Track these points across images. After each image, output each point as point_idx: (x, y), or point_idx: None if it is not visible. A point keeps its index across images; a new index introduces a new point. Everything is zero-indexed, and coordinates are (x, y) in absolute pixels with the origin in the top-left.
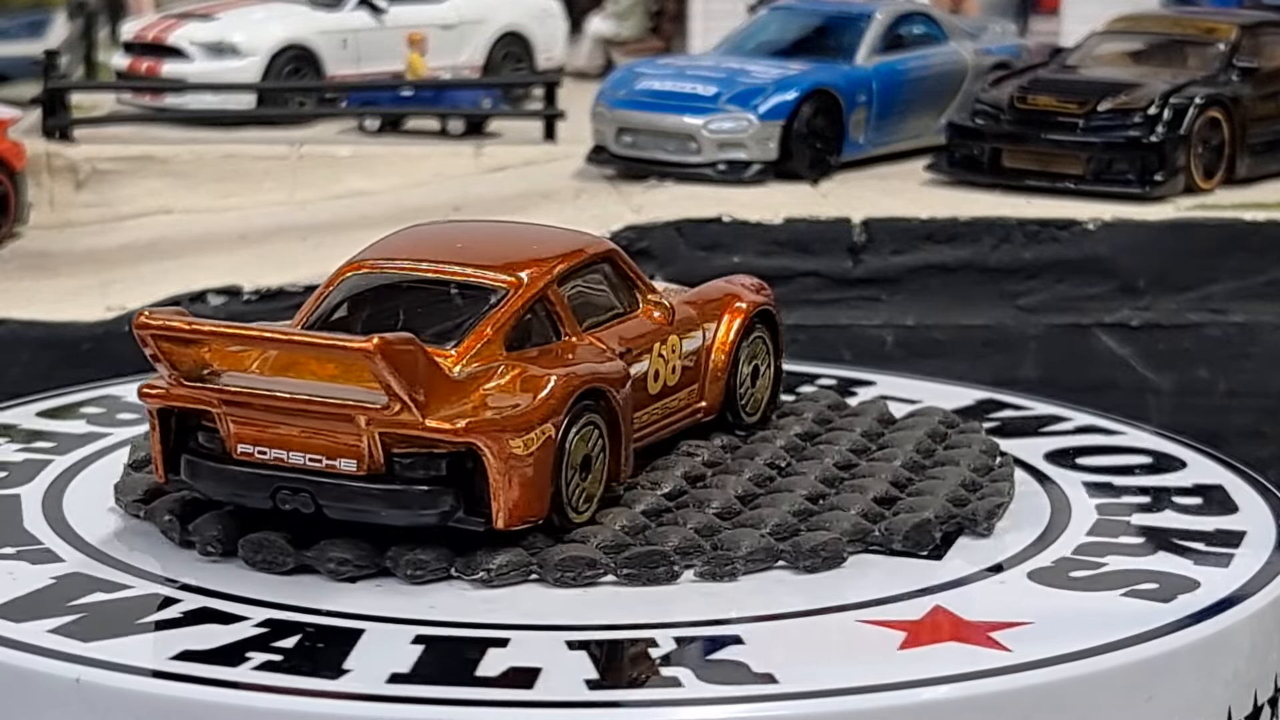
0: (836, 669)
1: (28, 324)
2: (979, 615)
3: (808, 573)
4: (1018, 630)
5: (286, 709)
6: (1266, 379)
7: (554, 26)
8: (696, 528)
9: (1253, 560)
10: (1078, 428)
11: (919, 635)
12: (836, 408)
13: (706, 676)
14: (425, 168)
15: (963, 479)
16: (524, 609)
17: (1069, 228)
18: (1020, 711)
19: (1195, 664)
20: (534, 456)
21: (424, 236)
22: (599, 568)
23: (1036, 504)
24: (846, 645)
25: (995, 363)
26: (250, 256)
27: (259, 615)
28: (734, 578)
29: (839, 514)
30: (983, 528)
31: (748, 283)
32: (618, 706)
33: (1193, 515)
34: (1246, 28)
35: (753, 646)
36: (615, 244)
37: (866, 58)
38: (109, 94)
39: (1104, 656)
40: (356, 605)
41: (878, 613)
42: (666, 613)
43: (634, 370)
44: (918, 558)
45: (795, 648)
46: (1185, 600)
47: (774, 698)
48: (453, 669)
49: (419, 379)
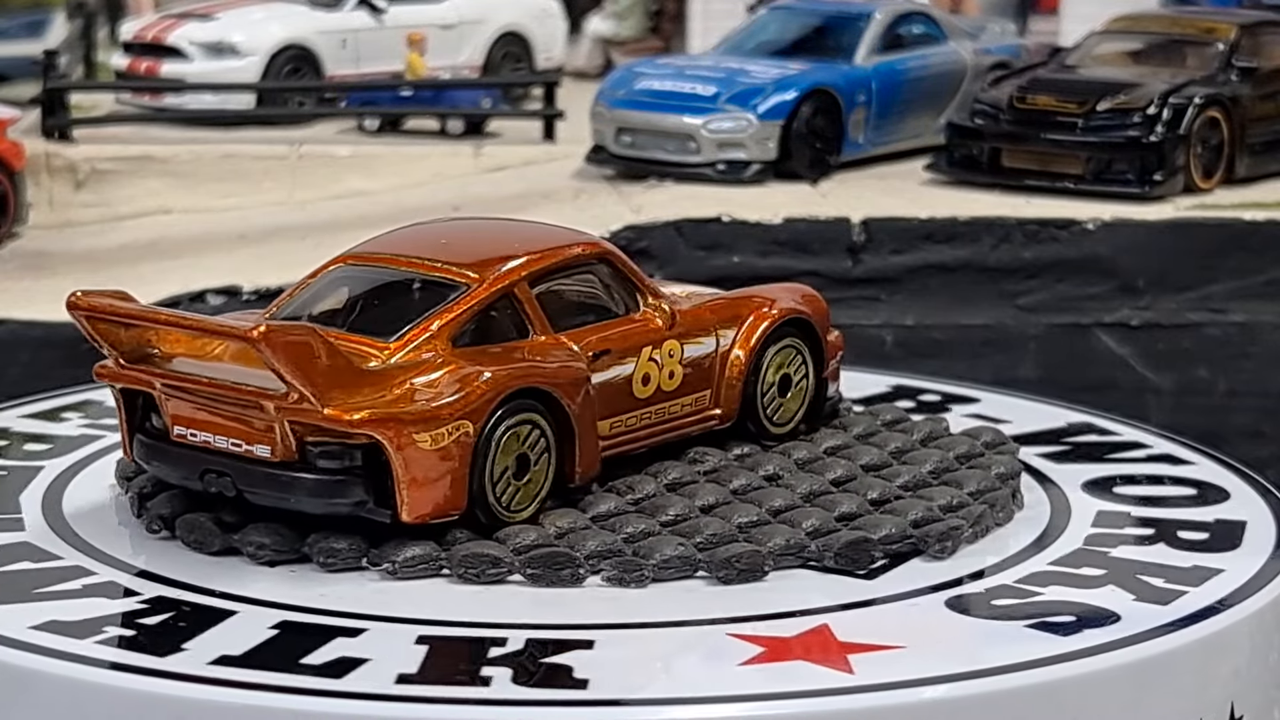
0: (656, 680)
1: (27, 324)
2: (859, 637)
3: (723, 583)
4: (883, 654)
5: (112, 684)
6: (1266, 378)
7: (553, 26)
8: (632, 534)
9: (1253, 560)
10: (1150, 455)
11: (775, 652)
12: (893, 423)
13: (521, 679)
14: (425, 168)
15: (951, 500)
16: (410, 600)
17: (1069, 227)
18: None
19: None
20: (445, 451)
21: (415, 233)
22: (503, 566)
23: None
24: (687, 657)
25: (995, 362)
26: (250, 256)
27: (152, 591)
28: (642, 584)
29: (783, 527)
30: (935, 549)
31: (794, 291)
32: (408, 701)
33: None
34: (1246, 27)
35: (598, 653)
36: (614, 244)
37: (866, 58)
38: (108, 94)
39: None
40: (257, 590)
41: (753, 628)
42: (537, 614)
43: (612, 373)
44: (854, 576)
45: (636, 657)
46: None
47: (568, 704)
48: (282, 655)
49: (316, 368)
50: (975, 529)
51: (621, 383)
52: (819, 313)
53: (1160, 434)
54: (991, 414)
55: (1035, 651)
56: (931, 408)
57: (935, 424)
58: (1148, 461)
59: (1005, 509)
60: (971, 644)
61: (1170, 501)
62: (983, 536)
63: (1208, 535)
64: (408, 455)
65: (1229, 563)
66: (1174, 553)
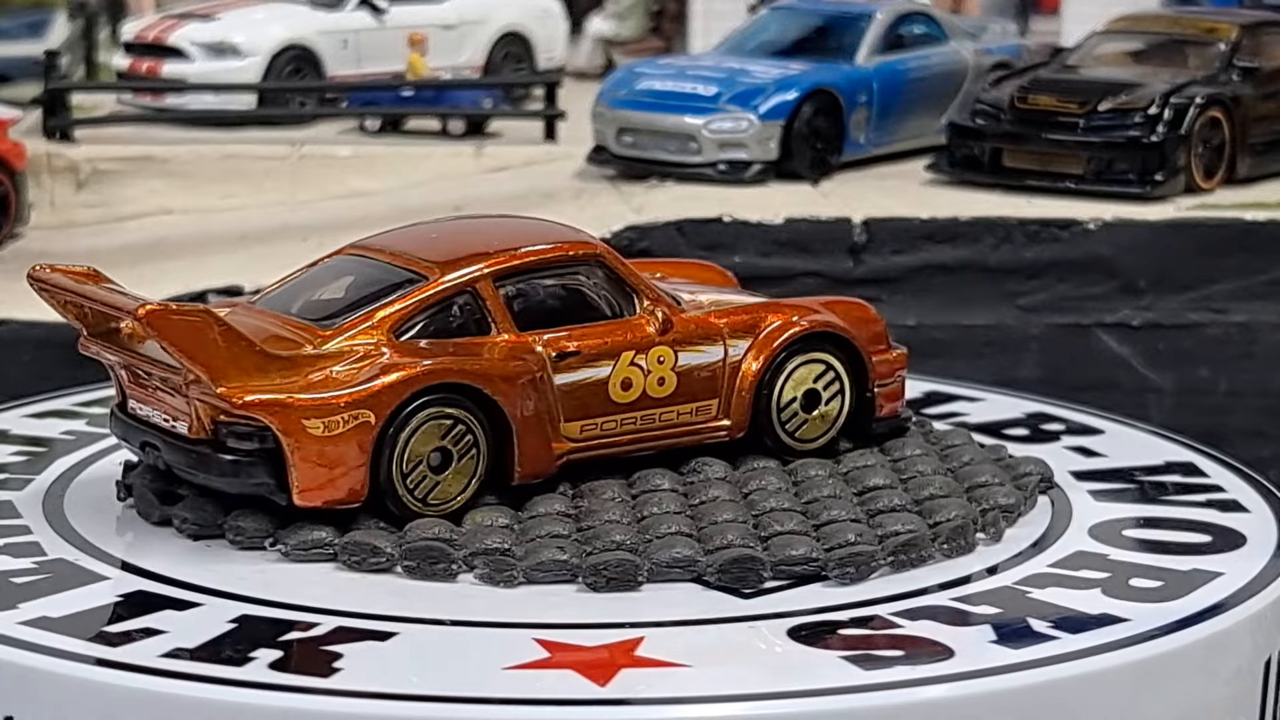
0: (406, 677)
1: (29, 324)
2: (658, 654)
3: (593, 590)
4: (662, 670)
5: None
6: (1267, 379)
7: (554, 26)
8: (538, 536)
9: (1253, 561)
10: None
11: (552, 660)
12: (947, 448)
13: (282, 662)
14: (426, 168)
15: (900, 527)
16: (267, 582)
17: (1069, 228)
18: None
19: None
20: (339, 439)
21: (422, 228)
22: (382, 556)
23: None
24: (463, 657)
25: (996, 362)
26: (250, 256)
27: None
28: (512, 584)
29: (684, 540)
30: (835, 574)
31: (841, 305)
32: (174, 677)
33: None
34: (1246, 28)
35: (390, 645)
36: (614, 245)
37: (867, 58)
38: (109, 94)
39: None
40: (155, 564)
41: (561, 635)
42: (371, 604)
43: (581, 375)
44: (738, 594)
45: (417, 651)
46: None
47: (302, 689)
48: (89, 624)
49: (210, 349)
50: (897, 559)
51: (594, 385)
52: (864, 328)
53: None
54: (1101, 448)
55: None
56: (1045, 436)
57: (987, 452)
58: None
59: (959, 543)
60: (767, 671)
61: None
62: (908, 568)
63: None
64: (297, 441)
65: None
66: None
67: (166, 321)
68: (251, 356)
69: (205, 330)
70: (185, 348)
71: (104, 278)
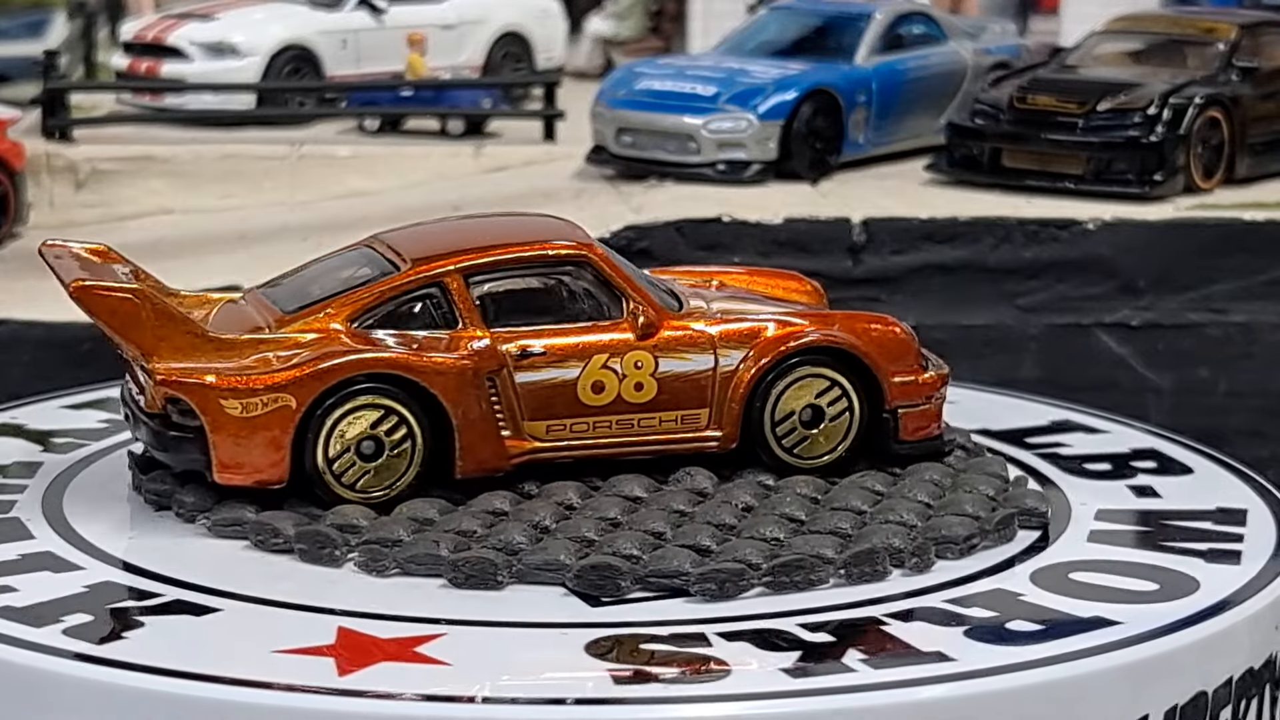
0: (189, 651)
1: (28, 324)
2: (434, 651)
3: (455, 586)
4: (417, 667)
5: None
6: (1267, 379)
7: (554, 26)
8: (444, 532)
9: (1253, 560)
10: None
11: (327, 647)
12: (963, 471)
13: (83, 629)
14: (425, 168)
15: (811, 550)
16: (160, 558)
17: (1069, 228)
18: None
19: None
20: (257, 422)
21: (434, 224)
22: (280, 538)
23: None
24: (251, 637)
25: (996, 363)
26: (250, 256)
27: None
28: (384, 574)
29: (564, 543)
30: (696, 590)
31: (861, 319)
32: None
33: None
34: (1246, 28)
35: (203, 620)
36: (611, 246)
37: (866, 58)
38: (109, 94)
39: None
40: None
41: (365, 624)
42: (224, 581)
43: (546, 375)
44: (593, 602)
45: (219, 628)
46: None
47: (85, 657)
48: None
49: (141, 326)
50: (776, 580)
51: (561, 386)
52: (887, 346)
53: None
54: (1200, 492)
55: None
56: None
57: (997, 483)
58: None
59: (862, 569)
60: (511, 677)
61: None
62: (791, 590)
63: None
64: (215, 420)
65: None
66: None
67: (95, 298)
68: (185, 336)
69: (135, 308)
70: (115, 324)
71: (115, 256)
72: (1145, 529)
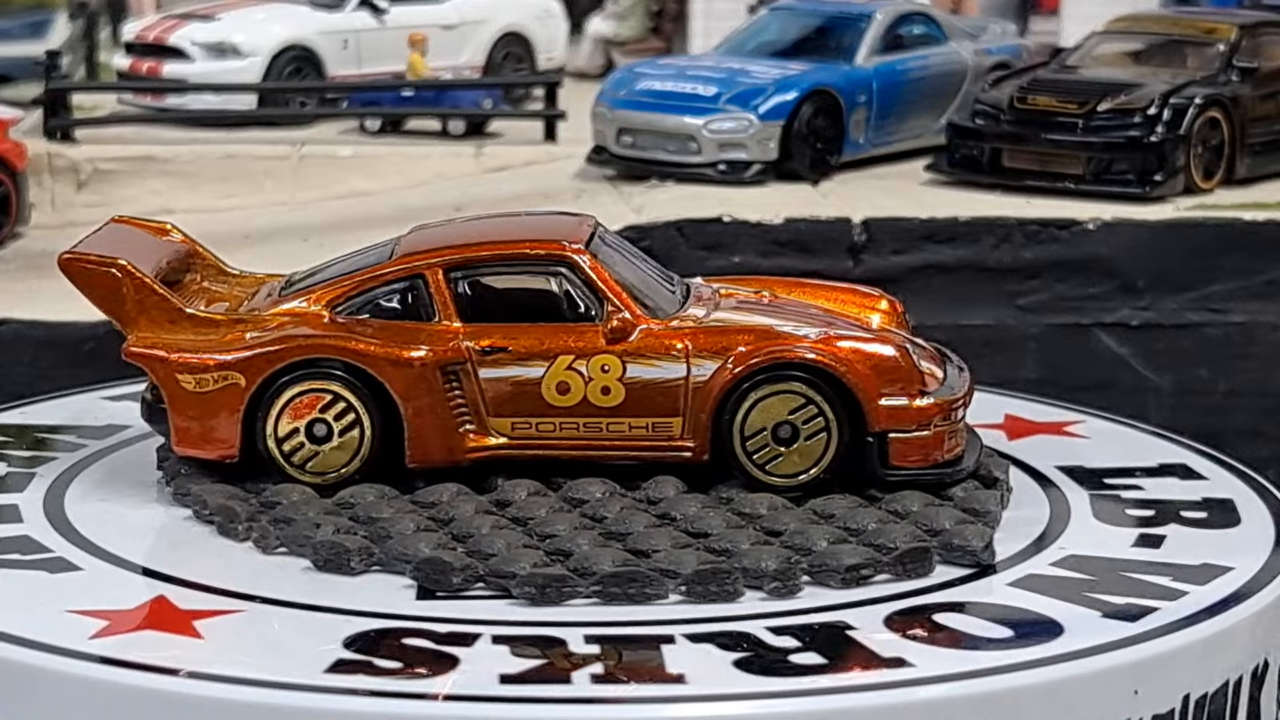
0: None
1: (30, 324)
2: (204, 627)
3: (317, 569)
4: (167, 637)
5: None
6: (1266, 379)
7: (554, 27)
8: (354, 520)
9: (1253, 560)
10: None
11: (119, 618)
12: (941, 502)
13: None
14: (426, 168)
15: (710, 566)
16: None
17: (1069, 228)
18: None
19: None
20: (209, 398)
21: (456, 223)
22: (208, 510)
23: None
24: (73, 601)
25: (996, 362)
26: (251, 256)
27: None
28: (269, 551)
29: (440, 538)
30: (518, 592)
31: (858, 334)
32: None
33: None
34: (1246, 28)
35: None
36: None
37: (866, 58)
38: (110, 95)
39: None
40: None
41: (183, 595)
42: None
43: (509, 372)
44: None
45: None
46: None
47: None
48: None
49: (122, 300)
50: (605, 589)
51: (525, 384)
52: (872, 366)
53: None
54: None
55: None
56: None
57: (960, 520)
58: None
59: (706, 588)
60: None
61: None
62: (623, 602)
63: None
64: (172, 392)
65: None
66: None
67: (80, 270)
68: (166, 311)
69: (117, 282)
70: (97, 297)
71: (175, 234)
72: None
